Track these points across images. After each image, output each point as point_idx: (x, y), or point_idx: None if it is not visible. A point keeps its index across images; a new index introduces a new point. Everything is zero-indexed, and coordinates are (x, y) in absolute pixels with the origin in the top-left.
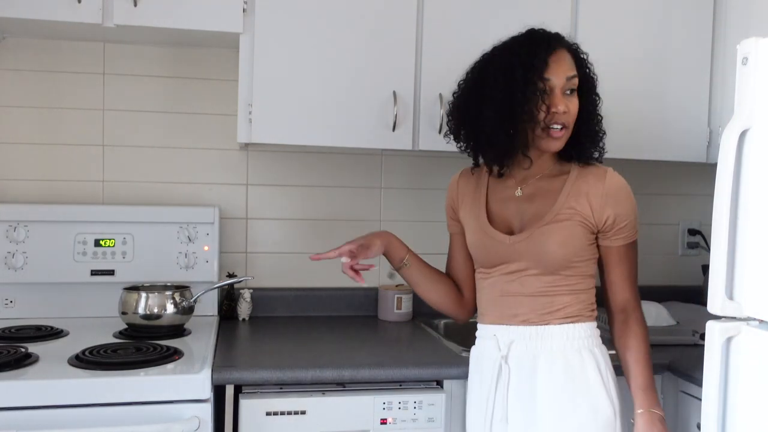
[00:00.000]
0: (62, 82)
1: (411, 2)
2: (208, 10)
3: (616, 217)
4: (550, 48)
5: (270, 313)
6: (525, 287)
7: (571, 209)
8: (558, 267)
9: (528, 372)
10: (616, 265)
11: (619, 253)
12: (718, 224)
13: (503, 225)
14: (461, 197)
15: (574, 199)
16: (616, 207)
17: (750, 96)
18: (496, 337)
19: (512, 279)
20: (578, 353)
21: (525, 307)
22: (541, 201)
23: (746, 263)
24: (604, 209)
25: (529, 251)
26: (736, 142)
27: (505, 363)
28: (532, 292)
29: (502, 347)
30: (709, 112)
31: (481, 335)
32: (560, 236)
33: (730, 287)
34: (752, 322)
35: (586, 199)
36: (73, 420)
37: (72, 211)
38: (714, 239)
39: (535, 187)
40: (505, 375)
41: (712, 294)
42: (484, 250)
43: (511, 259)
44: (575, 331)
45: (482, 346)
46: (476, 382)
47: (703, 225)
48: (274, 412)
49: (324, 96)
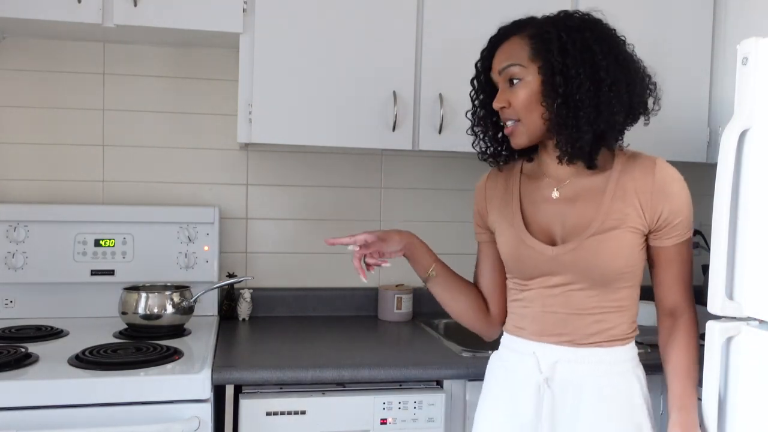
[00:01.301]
0: (62, 82)
1: (411, 2)
2: (208, 10)
3: (670, 213)
4: (497, 40)
5: (270, 313)
6: (570, 304)
7: (619, 213)
8: (608, 281)
9: (572, 396)
10: (668, 265)
11: (671, 253)
12: (718, 224)
13: (542, 233)
14: (489, 201)
15: (621, 200)
16: (668, 203)
17: (750, 96)
18: (536, 356)
19: (555, 294)
20: (623, 377)
21: (570, 326)
22: (583, 204)
23: (746, 263)
24: (656, 207)
25: (576, 264)
26: (736, 142)
27: (546, 386)
28: (579, 310)
29: (544, 368)
30: (709, 112)
31: (515, 349)
32: (611, 247)
33: (730, 287)
34: (752, 322)
35: (635, 198)
36: (73, 420)
37: (72, 211)
38: (714, 239)
39: (575, 186)
40: (548, 399)
41: (712, 294)
42: (521, 261)
43: (553, 272)
44: (622, 353)
45: (515, 361)
46: (504, 399)
47: (703, 225)
48: (274, 412)
49: (324, 96)
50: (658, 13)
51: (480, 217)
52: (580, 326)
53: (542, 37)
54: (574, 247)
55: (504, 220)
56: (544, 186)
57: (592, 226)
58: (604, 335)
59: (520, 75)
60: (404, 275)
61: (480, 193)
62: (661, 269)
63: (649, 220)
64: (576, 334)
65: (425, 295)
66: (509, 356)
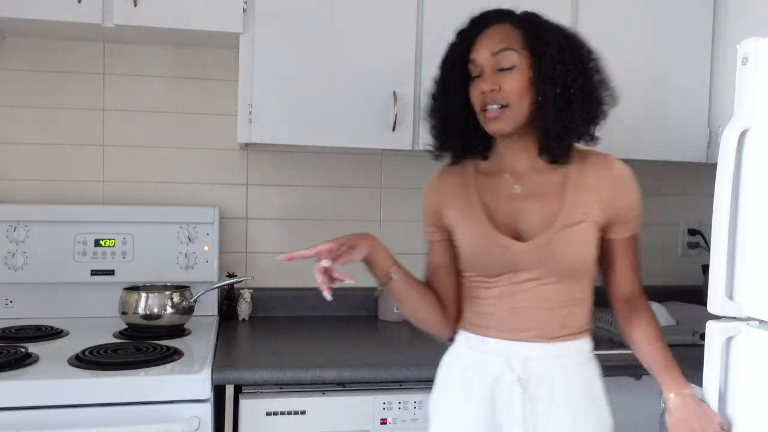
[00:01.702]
0: (62, 82)
1: (411, 2)
2: (208, 10)
3: (626, 207)
4: (482, 24)
5: (270, 313)
6: (540, 298)
7: (583, 207)
8: (575, 273)
9: (547, 392)
10: (623, 256)
11: (626, 245)
12: (718, 224)
13: (507, 229)
14: (446, 199)
15: (583, 195)
16: (626, 197)
17: (750, 96)
18: (504, 354)
19: (524, 289)
20: (587, 367)
21: (541, 321)
22: (546, 199)
23: (746, 263)
24: (614, 201)
25: (546, 258)
26: (736, 142)
27: (519, 385)
28: (549, 303)
29: (516, 366)
30: (709, 112)
31: (479, 348)
32: (579, 240)
33: (730, 287)
34: (752, 322)
35: (595, 193)
36: (73, 420)
37: (72, 211)
38: (714, 239)
39: (535, 182)
40: (520, 396)
41: (712, 294)
42: (487, 258)
43: (522, 268)
44: (584, 345)
45: (481, 360)
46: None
47: (703, 225)
48: (274, 412)
49: (324, 96)
50: (658, 13)
51: (434, 216)
52: (550, 320)
53: (535, 27)
54: (545, 242)
55: (465, 217)
56: (503, 182)
57: (560, 220)
58: (571, 328)
59: (515, 60)
60: None
61: (433, 192)
62: (617, 260)
63: (608, 213)
64: (546, 328)
65: None
66: (472, 355)
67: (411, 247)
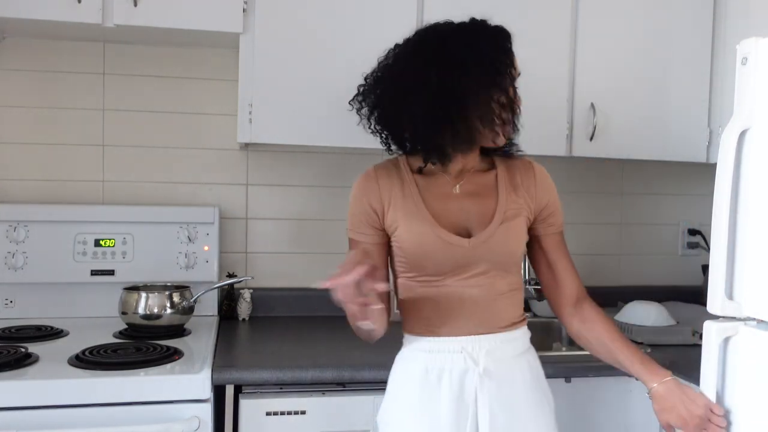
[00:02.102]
0: (62, 82)
1: (411, 2)
2: (208, 10)
3: (549, 203)
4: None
5: (270, 313)
6: (489, 291)
7: (516, 204)
8: (513, 265)
9: (508, 381)
10: (561, 253)
11: (557, 241)
12: (717, 224)
13: (451, 227)
14: (387, 199)
15: (514, 193)
16: (548, 195)
17: (750, 96)
18: (465, 351)
19: (472, 285)
20: (531, 352)
21: (492, 312)
22: (483, 197)
23: (746, 263)
24: (540, 198)
25: (491, 252)
26: (736, 142)
27: (484, 377)
28: (497, 295)
29: (479, 360)
30: (709, 112)
31: (435, 349)
32: (517, 233)
33: (729, 287)
34: (750, 322)
35: (523, 191)
36: (73, 420)
37: (72, 211)
38: (714, 239)
39: (472, 183)
40: (486, 389)
41: (711, 294)
42: (434, 257)
43: (470, 264)
44: (525, 331)
45: (442, 360)
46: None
47: (703, 225)
48: (274, 412)
49: (324, 96)
50: (658, 14)
51: (371, 218)
52: (500, 310)
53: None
54: (489, 237)
55: (410, 217)
56: (441, 183)
57: (498, 216)
58: (516, 316)
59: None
60: None
61: (373, 192)
62: (556, 258)
63: (535, 210)
64: (497, 318)
65: None
66: (434, 357)
67: None
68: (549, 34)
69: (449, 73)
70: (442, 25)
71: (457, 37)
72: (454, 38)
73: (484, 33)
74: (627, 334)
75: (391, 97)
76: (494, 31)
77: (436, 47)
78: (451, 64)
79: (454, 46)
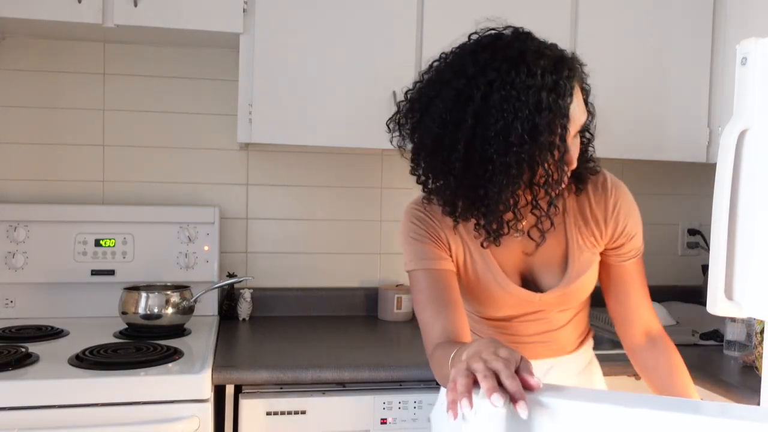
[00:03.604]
0: (62, 82)
1: (411, 2)
2: (208, 10)
3: (626, 231)
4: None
5: (270, 313)
6: (553, 323)
7: (589, 250)
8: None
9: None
10: (635, 284)
11: (633, 270)
12: (717, 224)
13: (513, 273)
14: (449, 234)
15: (585, 230)
16: (624, 222)
17: (749, 96)
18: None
19: (532, 319)
20: (593, 362)
21: (555, 342)
22: (549, 238)
23: (746, 263)
24: (614, 230)
25: (560, 304)
26: (736, 142)
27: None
28: (561, 326)
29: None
30: (709, 112)
31: None
32: (591, 281)
33: (729, 287)
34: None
35: (593, 225)
36: (73, 420)
37: (72, 211)
38: (713, 239)
39: (532, 219)
40: None
41: (711, 294)
42: (496, 304)
43: (535, 311)
44: (590, 343)
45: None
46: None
47: (703, 225)
48: (274, 412)
49: (324, 96)
50: (658, 14)
51: (445, 243)
52: (564, 338)
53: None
54: (562, 292)
55: (475, 263)
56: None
57: (572, 271)
58: (581, 334)
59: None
60: (405, 275)
61: (436, 221)
62: (629, 289)
63: (607, 242)
64: (560, 347)
65: None
66: None
67: None
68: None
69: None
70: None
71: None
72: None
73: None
74: None
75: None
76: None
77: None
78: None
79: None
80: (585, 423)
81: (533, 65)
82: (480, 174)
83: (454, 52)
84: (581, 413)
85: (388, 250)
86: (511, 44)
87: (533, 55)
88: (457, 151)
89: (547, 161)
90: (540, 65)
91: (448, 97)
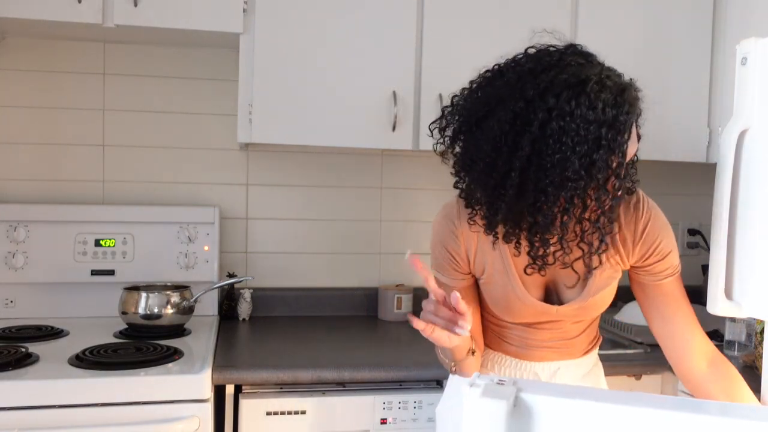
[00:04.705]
0: (62, 82)
1: (411, 2)
2: (208, 10)
3: (657, 252)
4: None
5: (270, 313)
6: (567, 333)
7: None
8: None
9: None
10: (678, 304)
11: (671, 290)
12: (717, 224)
13: (538, 285)
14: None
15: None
16: (654, 244)
17: (749, 96)
18: (538, 375)
19: (550, 327)
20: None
21: (567, 348)
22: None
23: (746, 263)
24: (642, 252)
25: (576, 316)
26: (736, 142)
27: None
28: (574, 336)
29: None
30: (709, 112)
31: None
32: (609, 297)
33: (729, 287)
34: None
35: (620, 243)
36: (73, 420)
37: (72, 211)
38: (713, 239)
39: (578, 252)
40: None
41: (711, 294)
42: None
43: (551, 320)
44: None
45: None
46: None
47: (703, 225)
48: (274, 412)
49: (324, 96)
50: (658, 14)
51: (460, 261)
52: (576, 344)
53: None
54: (579, 306)
55: (498, 275)
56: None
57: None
58: (591, 341)
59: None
60: (404, 275)
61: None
62: (672, 312)
63: (634, 262)
64: (571, 352)
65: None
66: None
67: (411, 247)
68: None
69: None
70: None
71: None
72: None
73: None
74: (627, 334)
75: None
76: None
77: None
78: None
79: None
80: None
81: (594, 97)
82: (531, 203)
83: (510, 66)
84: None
85: (388, 250)
86: (573, 69)
87: (595, 85)
88: (510, 177)
89: (600, 198)
90: (601, 98)
91: (505, 119)
